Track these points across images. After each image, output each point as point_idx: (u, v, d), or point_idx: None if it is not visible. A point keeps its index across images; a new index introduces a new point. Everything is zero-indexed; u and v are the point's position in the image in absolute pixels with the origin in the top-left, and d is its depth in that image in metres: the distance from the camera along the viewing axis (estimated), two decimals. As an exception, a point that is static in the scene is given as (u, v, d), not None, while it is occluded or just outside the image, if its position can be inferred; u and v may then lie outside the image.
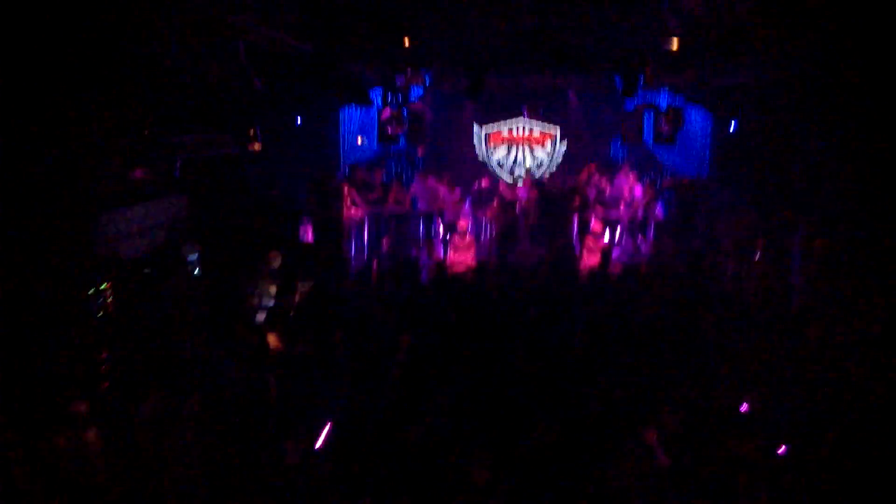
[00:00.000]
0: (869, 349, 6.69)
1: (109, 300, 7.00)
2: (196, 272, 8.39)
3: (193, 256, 8.37)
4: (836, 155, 9.64)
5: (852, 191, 9.25)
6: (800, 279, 9.20)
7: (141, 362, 6.31)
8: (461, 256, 11.09)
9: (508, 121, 14.94)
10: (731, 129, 12.83)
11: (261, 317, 7.96)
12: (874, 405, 5.78)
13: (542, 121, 14.72)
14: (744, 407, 5.57)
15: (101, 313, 6.89)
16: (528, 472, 4.87)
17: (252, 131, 9.47)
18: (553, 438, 5.19)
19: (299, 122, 11.54)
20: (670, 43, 8.14)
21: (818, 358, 6.77)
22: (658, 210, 12.55)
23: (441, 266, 9.90)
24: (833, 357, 6.75)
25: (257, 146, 9.53)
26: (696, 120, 13.24)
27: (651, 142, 13.16)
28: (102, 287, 6.93)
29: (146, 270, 8.02)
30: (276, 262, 8.75)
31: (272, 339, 6.80)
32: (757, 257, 9.04)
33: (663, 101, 12.19)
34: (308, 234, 11.13)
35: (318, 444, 5.39)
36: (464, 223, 11.65)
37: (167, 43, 6.15)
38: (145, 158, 7.80)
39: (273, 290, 8.50)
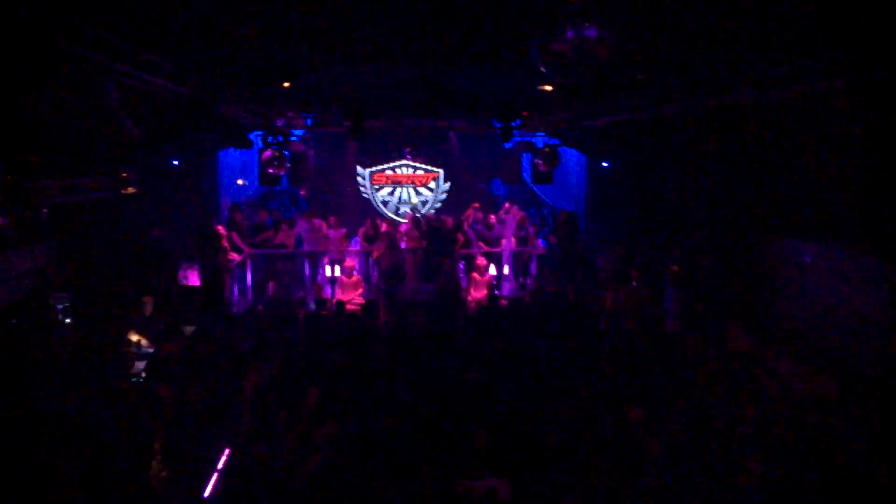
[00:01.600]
0: (731, 362, 7.25)
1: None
2: (67, 321, 8.05)
3: (63, 305, 8.09)
4: (697, 188, 10.47)
5: (711, 220, 10.06)
6: (673, 304, 9.81)
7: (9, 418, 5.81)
8: (348, 295, 11.02)
9: (392, 163, 15.19)
10: (605, 167, 13.63)
11: (140, 365, 7.59)
12: (744, 411, 6.23)
13: (425, 163, 15.06)
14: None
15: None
16: None
17: (125, 174, 9.07)
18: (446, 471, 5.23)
19: (176, 164, 11.19)
20: (544, 87, 8.56)
21: (692, 373, 7.26)
22: (539, 244, 13.03)
23: (340, 305, 9.83)
24: (704, 370, 7.28)
25: (131, 190, 9.13)
26: (572, 158, 13.94)
27: (530, 180, 13.69)
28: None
29: (12, 321, 7.57)
30: (148, 308, 8.54)
31: (156, 387, 6.46)
32: (633, 285, 9.54)
33: (540, 140, 12.71)
34: (189, 278, 10.71)
35: (207, 492, 5.20)
36: (350, 262, 11.62)
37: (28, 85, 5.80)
38: (6, 206, 7.32)
39: (148, 336, 8.20)
